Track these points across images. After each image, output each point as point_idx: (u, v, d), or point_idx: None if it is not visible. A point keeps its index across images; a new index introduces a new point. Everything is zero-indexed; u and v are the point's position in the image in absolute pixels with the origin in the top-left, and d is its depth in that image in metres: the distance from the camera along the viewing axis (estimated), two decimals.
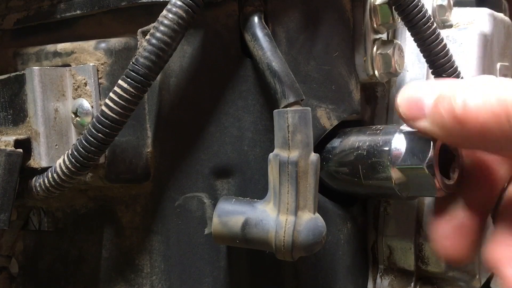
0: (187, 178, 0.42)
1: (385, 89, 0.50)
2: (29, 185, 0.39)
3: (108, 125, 0.36)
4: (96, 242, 0.45)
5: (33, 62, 0.43)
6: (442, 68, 0.42)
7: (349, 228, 0.46)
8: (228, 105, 0.41)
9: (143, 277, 0.44)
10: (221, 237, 0.39)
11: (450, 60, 0.42)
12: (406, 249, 0.47)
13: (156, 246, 0.43)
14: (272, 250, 0.37)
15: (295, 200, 0.37)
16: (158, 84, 0.41)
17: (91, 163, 0.37)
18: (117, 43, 0.40)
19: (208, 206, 0.42)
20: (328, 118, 0.44)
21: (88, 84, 0.39)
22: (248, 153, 0.42)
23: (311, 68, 0.43)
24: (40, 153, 0.39)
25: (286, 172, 0.37)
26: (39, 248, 0.50)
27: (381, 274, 0.49)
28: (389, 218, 0.48)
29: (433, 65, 0.42)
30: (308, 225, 0.37)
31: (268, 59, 0.38)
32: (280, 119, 0.38)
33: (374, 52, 0.46)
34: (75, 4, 0.42)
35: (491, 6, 0.55)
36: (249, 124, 0.42)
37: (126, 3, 0.41)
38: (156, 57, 0.35)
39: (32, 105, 0.39)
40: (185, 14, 0.35)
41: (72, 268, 0.47)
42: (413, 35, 0.42)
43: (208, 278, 0.42)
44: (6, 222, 0.38)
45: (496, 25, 0.52)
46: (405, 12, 0.41)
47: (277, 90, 0.38)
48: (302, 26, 0.42)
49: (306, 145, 0.37)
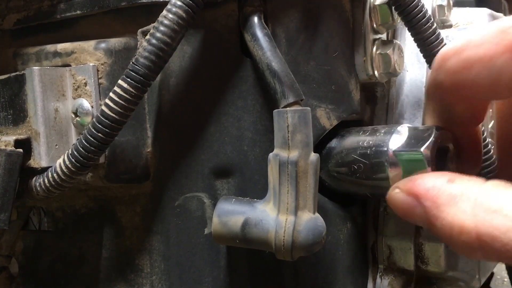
0: (187, 178, 0.42)
1: (385, 89, 0.50)
2: (29, 185, 0.39)
3: (108, 125, 0.36)
4: (96, 242, 0.45)
5: (33, 62, 0.43)
6: None
7: (349, 228, 0.46)
8: (228, 105, 0.41)
9: (143, 277, 0.44)
10: (221, 237, 0.39)
11: None
12: (405, 249, 0.47)
13: (156, 246, 0.43)
14: (272, 250, 0.37)
15: (295, 200, 0.37)
16: (158, 84, 0.41)
17: (91, 163, 0.37)
18: (117, 43, 0.40)
19: (208, 206, 0.42)
20: (328, 118, 0.44)
21: (88, 84, 0.39)
22: (248, 153, 0.42)
23: (310, 68, 0.43)
24: (40, 153, 0.39)
25: (286, 172, 0.37)
26: (39, 248, 0.50)
27: (381, 274, 0.49)
28: (389, 218, 0.48)
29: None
30: (308, 225, 0.37)
31: (268, 59, 0.38)
32: (280, 119, 0.38)
33: (374, 52, 0.46)
34: (75, 4, 0.43)
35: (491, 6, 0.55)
36: (249, 124, 0.42)
37: (126, 3, 0.41)
38: (156, 57, 0.35)
39: (32, 105, 0.39)
40: (185, 14, 0.35)
41: (72, 268, 0.47)
42: (413, 35, 0.42)
43: (208, 278, 0.43)
44: (6, 222, 0.38)
45: None
46: (405, 12, 0.41)
47: (276, 90, 0.38)
48: (302, 26, 0.42)
49: (306, 145, 0.37)
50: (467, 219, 0.29)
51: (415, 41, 0.42)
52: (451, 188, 0.31)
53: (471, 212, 0.29)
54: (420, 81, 0.50)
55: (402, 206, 0.33)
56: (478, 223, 0.28)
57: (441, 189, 0.31)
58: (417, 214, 0.32)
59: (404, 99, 0.50)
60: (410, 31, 0.42)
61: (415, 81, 0.50)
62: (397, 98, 0.50)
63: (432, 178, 0.32)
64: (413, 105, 0.49)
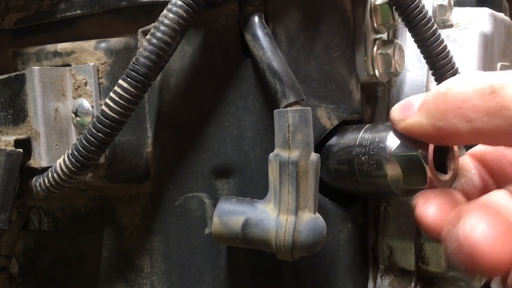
0: (187, 178, 0.42)
1: (386, 89, 0.50)
2: (29, 185, 0.39)
3: (108, 124, 0.35)
4: (96, 242, 0.45)
5: (33, 62, 0.43)
6: (443, 69, 0.42)
7: (349, 228, 0.46)
8: (228, 105, 0.41)
9: (143, 277, 0.44)
10: (221, 237, 0.39)
11: (451, 62, 0.42)
12: (406, 249, 0.47)
13: (156, 246, 0.43)
14: (273, 250, 0.37)
15: (296, 200, 0.37)
16: (158, 84, 0.41)
17: (91, 163, 0.37)
18: (117, 43, 0.40)
19: (208, 206, 0.42)
20: (329, 118, 0.44)
21: (88, 84, 0.39)
22: (249, 153, 0.42)
23: (311, 68, 0.43)
24: (40, 153, 0.39)
25: (287, 172, 0.37)
26: (39, 248, 0.49)
27: (381, 274, 0.49)
28: (390, 218, 0.48)
29: (433, 66, 0.42)
30: (308, 225, 0.37)
31: (268, 59, 0.38)
32: (281, 119, 0.37)
33: (375, 52, 0.46)
34: (75, 3, 0.42)
35: (492, 6, 0.55)
36: (249, 124, 0.41)
37: (126, 3, 0.40)
38: (156, 57, 0.35)
39: (32, 105, 0.39)
40: (185, 14, 0.35)
41: (72, 268, 0.47)
42: (414, 36, 0.42)
43: (208, 278, 0.42)
44: (6, 222, 0.38)
45: (496, 25, 0.52)
46: (405, 12, 0.41)
47: (277, 90, 0.38)
48: (302, 26, 0.42)
49: (307, 145, 0.37)
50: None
51: (415, 42, 0.42)
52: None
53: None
54: (421, 81, 0.50)
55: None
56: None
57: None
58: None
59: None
60: (411, 31, 0.42)
61: (415, 81, 0.50)
62: (397, 98, 0.50)
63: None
64: None
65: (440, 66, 0.42)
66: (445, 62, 0.42)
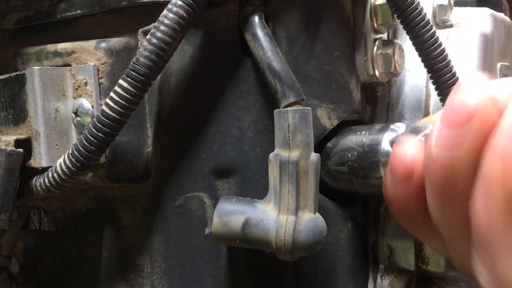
0: (187, 178, 0.42)
1: (386, 89, 0.50)
2: (30, 185, 0.39)
3: (108, 124, 0.35)
4: (97, 242, 0.45)
5: (34, 62, 0.43)
6: (440, 72, 0.42)
7: (349, 228, 0.46)
8: (229, 105, 0.41)
9: (143, 277, 0.44)
10: (221, 237, 0.39)
11: (448, 65, 0.42)
12: (406, 249, 0.47)
13: (156, 246, 0.43)
14: (273, 250, 0.37)
15: (296, 200, 0.37)
16: (159, 84, 0.41)
17: (91, 163, 0.37)
18: (117, 43, 0.40)
19: (208, 206, 0.42)
20: (329, 118, 0.44)
21: (88, 84, 0.39)
22: (249, 153, 0.42)
23: (311, 68, 0.43)
24: (41, 153, 0.39)
25: (287, 172, 0.37)
26: (39, 248, 0.49)
27: (381, 274, 0.49)
28: (390, 218, 0.48)
29: (431, 69, 0.42)
30: (308, 225, 0.37)
31: (268, 59, 0.38)
32: (281, 119, 0.38)
33: (375, 52, 0.46)
34: (75, 3, 0.42)
35: (492, 6, 0.55)
36: (250, 124, 0.42)
37: (126, 3, 0.41)
38: (156, 57, 0.35)
39: (33, 105, 0.39)
40: (185, 14, 0.35)
41: (72, 268, 0.47)
42: (412, 39, 0.42)
43: (208, 278, 0.42)
44: (6, 222, 0.38)
45: (496, 25, 0.52)
46: (403, 15, 0.41)
47: (277, 90, 0.38)
48: (302, 26, 0.42)
49: (307, 145, 0.37)
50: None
51: (413, 45, 0.43)
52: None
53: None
54: (421, 81, 0.50)
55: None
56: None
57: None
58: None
59: (405, 99, 0.50)
60: (409, 34, 0.42)
61: (415, 81, 0.50)
62: (397, 98, 0.50)
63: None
64: (413, 105, 0.49)
65: (438, 69, 0.42)
66: (443, 66, 0.42)
